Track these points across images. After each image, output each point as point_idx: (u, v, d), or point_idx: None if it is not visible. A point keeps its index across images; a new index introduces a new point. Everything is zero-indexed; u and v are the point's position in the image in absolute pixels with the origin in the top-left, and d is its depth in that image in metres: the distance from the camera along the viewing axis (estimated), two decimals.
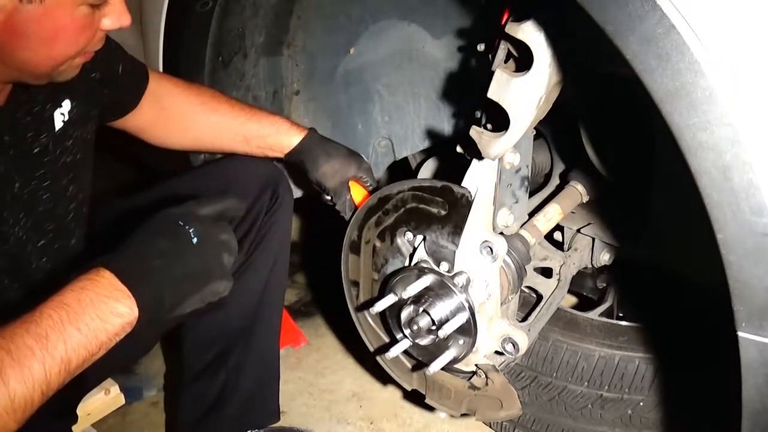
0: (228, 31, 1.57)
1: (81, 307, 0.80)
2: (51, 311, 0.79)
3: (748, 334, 0.77)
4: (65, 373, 0.79)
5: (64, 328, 0.79)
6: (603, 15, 0.76)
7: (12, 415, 0.74)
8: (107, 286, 0.83)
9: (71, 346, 0.79)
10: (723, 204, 0.74)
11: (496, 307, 1.16)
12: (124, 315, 0.83)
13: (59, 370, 0.78)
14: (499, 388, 1.20)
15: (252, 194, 1.38)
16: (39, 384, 0.76)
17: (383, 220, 1.23)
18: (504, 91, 1.01)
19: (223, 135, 1.44)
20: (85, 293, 0.81)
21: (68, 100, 1.15)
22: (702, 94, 0.72)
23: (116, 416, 1.78)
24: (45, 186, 1.12)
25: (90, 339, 0.80)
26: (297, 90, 1.79)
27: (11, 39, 0.91)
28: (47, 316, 0.79)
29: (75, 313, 0.80)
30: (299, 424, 1.76)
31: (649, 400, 1.43)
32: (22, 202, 1.08)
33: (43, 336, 0.77)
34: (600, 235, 1.49)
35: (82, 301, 0.81)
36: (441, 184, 1.14)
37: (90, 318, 0.80)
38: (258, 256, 1.39)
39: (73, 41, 0.96)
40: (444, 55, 1.64)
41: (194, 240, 0.89)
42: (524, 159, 1.17)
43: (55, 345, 0.78)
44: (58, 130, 1.13)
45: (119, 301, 0.83)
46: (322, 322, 2.19)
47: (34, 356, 0.76)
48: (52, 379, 0.77)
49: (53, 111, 1.12)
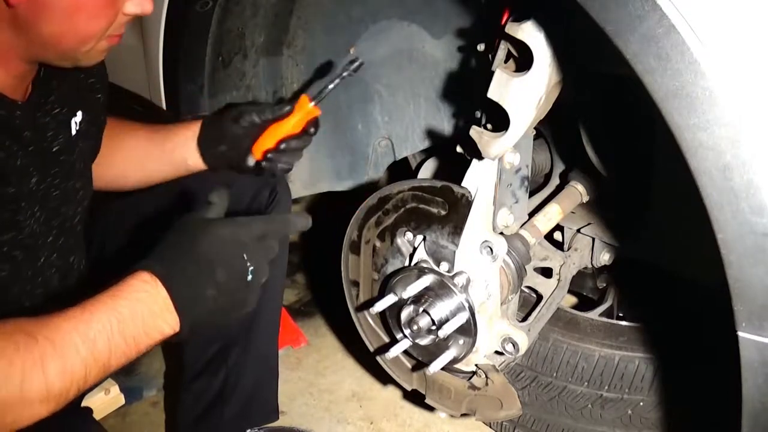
0: (228, 32, 1.57)
1: (133, 321, 0.81)
2: (103, 316, 0.80)
3: (748, 334, 0.77)
4: (102, 375, 0.81)
5: (112, 337, 0.80)
6: (603, 15, 0.76)
7: (45, 404, 0.76)
8: (161, 305, 0.84)
9: (114, 355, 0.80)
10: (723, 204, 0.74)
11: (496, 307, 1.16)
12: (165, 333, 0.85)
13: (98, 372, 0.79)
14: (499, 388, 1.20)
15: (250, 192, 1.39)
16: (77, 382, 0.77)
17: (383, 220, 1.23)
18: (504, 91, 1.01)
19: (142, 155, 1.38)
20: (140, 306, 0.82)
21: (81, 112, 1.18)
22: (702, 94, 0.72)
23: (116, 416, 1.78)
24: (57, 184, 1.13)
25: (132, 348, 0.82)
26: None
27: (35, 12, 0.93)
28: (97, 320, 0.79)
29: (126, 325, 0.81)
30: (299, 424, 1.76)
31: (649, 400, 1.43)
32: (38, 197, 1.09)
33: (91, 339, 0.78)
34: (600, 235, 1.49)
35: (135, 314, 0.82)
36: (441, 184, 1.14)
37: (138, 332, 0.82)
38: None
39: (95, 16, 0.97)
40: (444, 55, 1.64)
41: (249, 278, 0.91)
42: (524, 159, 1.17)
43: (101, 351, 0.79)
44: (73, 135, 1.15)
45: (167, 323, 0.84)
46: (322, 322, 2.19)
47: (78, 355, 0.77)
48: (90, 380, 0.79)
49: (70, 117, 1.15)
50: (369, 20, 1.66)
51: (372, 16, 1.65)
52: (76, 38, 0.98)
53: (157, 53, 1.61)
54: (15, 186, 1.03)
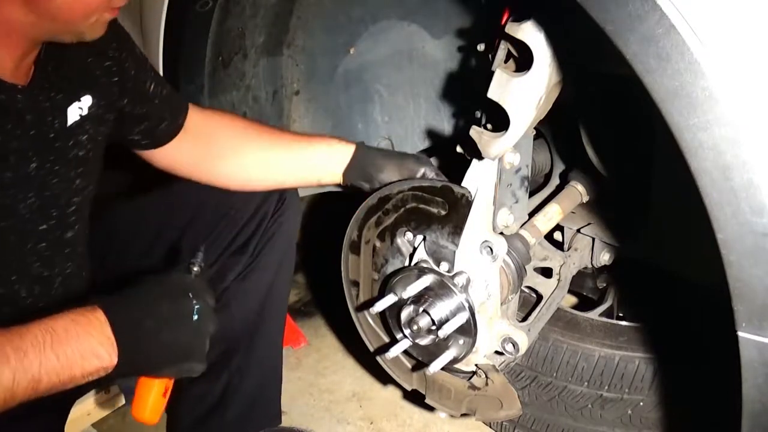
0: (228, 31, 1.57)
1: (66, 338, 0.85)
2: (37, 331, 0.84)
3: (748, 334, 0.77)
4: (31, 391, 0.83)
5: (43, 350, 0.83)
6: (603, 15, 0.76)
7: None
8: (98, 328, 0.88)
9: (45, 369, 0.83)
10: (723, 204, 0.74)
11: (496, 307, 1.16)
12: (102, 359, 0.88)
13: (27, 385, 0.82)
14: (499, 388, 1.20)
15: (259, 195, 1.38)
16: (4, 390, 0.80)
17: (383, 220, 1.23)
18: (504, 91, 1.01)
19: (272, 160, 1.37)
20: (74, 327, 0.87)
21: (89, 96, 1.17)
22: (702, 94, 0.72)
23: (116, 416, 1.78)
24: (56, 171, 1.13)
25: (65, 368, 0.85)
26: (297, 90, 1.79)
27: None
28: (32, 335, 0.84)
29: (59, 341, 0.85)
30: (299, 424, 1.76)
31: (649, 400, 1.43)
32: (35, 183, 1.09)
33: (23, 350, 0.82)
34: (600, 235, 1.49)
35: (69, 332, 0.86)
36: (441, 184, 1.14)
37: (71, 350, 0.85)
38: (264, 257, 1.38)
39: None
40: (444, 55, 1.64)
41: (195, 317, 0.95)
42: (524, 159, 1.17)
43: (31, 362, 0.82)
44: (72, 122, 1.14)
45: (102, 346, 0.88)
46: (322, 322, 2.19)
47: (8, 364, 0.80)
48: (18, 391, 0.81)
49: (70, 103, 1.14)
50: (369, 20, 1.66)
51: (372, 16, 1.66)
52: (84, 8, 0.99)
53: (157, 53, 1.61)
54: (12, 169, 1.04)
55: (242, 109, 1.69)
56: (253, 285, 1.39)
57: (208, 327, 0.98)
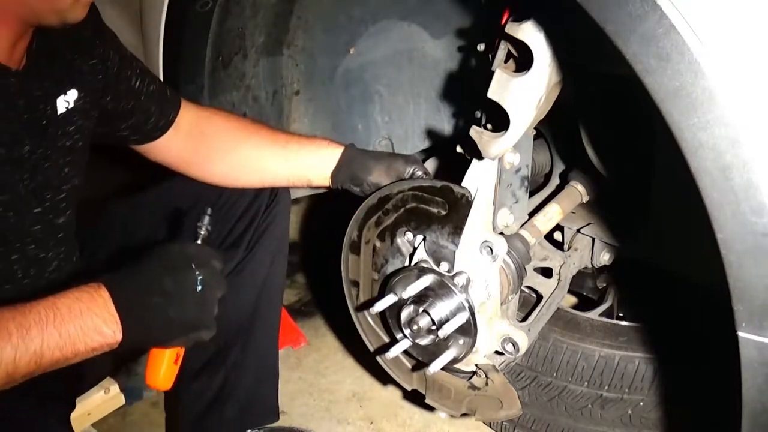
0: (228, 31, 1.57)
1: (69, 315, 0.87)
2: (41, 309, 0.86)
3: (748, 334, 0.78)
4: (34, 366, 0.85)
5: (46, 327, 0.85)
6: (603, 15, 0.76)
7: None
8: (101, 305, 0.89)
9: (47, 345, 0.85)
10: (723, 204, 0.74)
11: (496, 307, 1.16)
12: (106, 336, 0.89)
13: (29, 360, 0.84)
14: (499, 388, 1.20)
15: (252, 190, 1.39)
16: (6, 365, 0.82)
17: (383, 220, 1.23)
18: (504, 91, 1.01)
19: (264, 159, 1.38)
20: (78, 304, 0.88)
21: (75, 90, 1.18)
22: (702, 94, 0.72)
23: (116, 416, 1.78)
24: (48, 156, 1.14)
25: (67, 344, 0.87)
26: (297, 90, 1.79)
27: None
28: (35, 312, 0.86)
29: (61, 318, 0.86)
30: (299, 424, 1.76)
31: (649, 400, 1.43)
32: (29, 165, 1.11)
33: (25, 327, 0.84)
34: (600, 235, 1.49)
35: (72, 310, 0.87)
36: (441, 184, 1.14)
37: (74, 327, 0.87)
38: (256, 252, 1.40)
39: None
40: (444, 55, 1.65)
41: (198, 288, 0.95)
42: (524, 159, 1.17)
43: (33, 338, 0.84)
44: (60, 113, 1.16)
45: (106, 323, 0.89)
46: (322, 322, 2.19)
47: (10, 340, 0.82)
48: (20, 366, 0.83)
49: (58, 95, 1.15)
50: (369, 20, 1.66)
51: (372, 16, 1.66)
52: None
53: (157, 53, 1.61)
54: (7, 148, 1.05)
55: (242, 109, 1.70)
56: (248, 279, 1.40)
57: (214, 294, 0.98)
